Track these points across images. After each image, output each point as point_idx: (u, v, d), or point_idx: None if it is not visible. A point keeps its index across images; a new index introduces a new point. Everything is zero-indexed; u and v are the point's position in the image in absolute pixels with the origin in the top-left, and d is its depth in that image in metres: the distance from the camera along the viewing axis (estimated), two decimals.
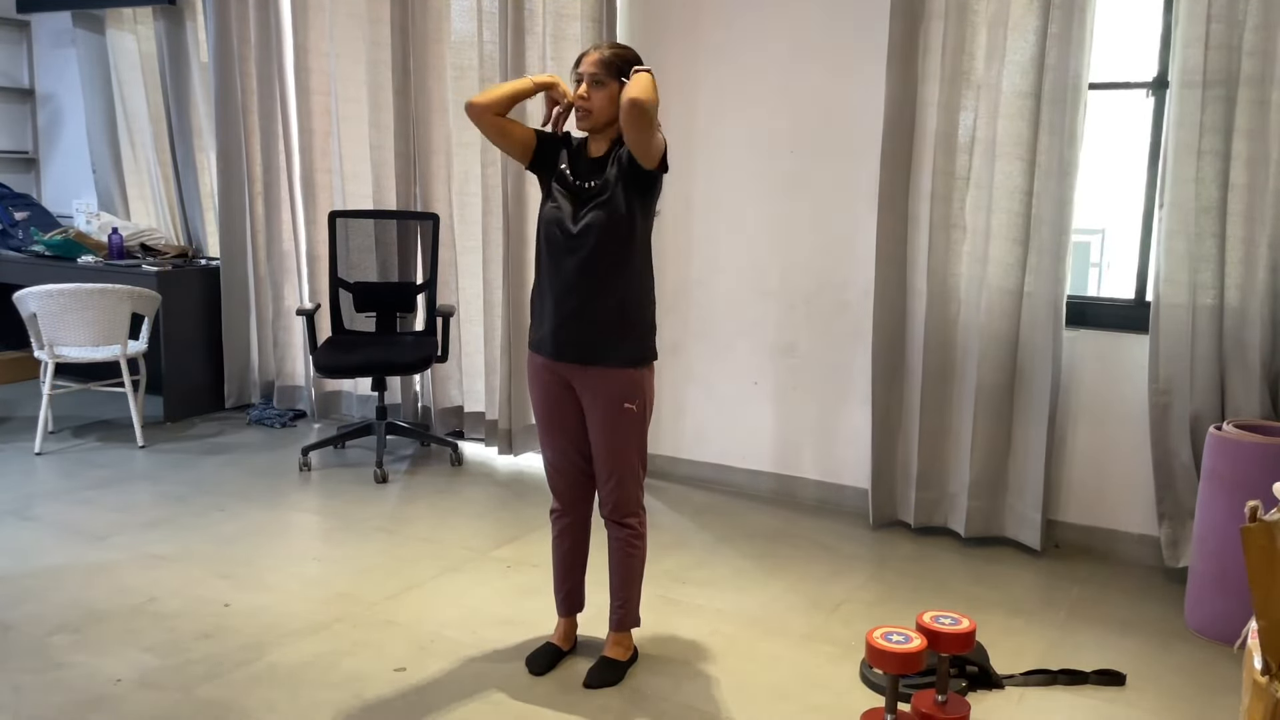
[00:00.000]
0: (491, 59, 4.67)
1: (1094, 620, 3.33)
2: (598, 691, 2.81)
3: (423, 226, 4.88)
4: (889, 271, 3.98)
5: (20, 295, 4.76)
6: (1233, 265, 3.45)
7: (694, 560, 3.76)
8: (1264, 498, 2.96)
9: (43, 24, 6.49)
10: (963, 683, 2.86)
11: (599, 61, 2.64)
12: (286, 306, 5.59)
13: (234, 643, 3.04)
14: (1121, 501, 3.84)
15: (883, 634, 2.51)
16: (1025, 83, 3.65)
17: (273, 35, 5.32)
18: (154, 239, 5.87)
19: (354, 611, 3.27)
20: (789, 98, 4.23)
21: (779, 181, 4.31)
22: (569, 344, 2.73)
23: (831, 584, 3.57)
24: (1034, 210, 3.73)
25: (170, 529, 3.94)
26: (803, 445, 4.40)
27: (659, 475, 4.68)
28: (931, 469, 4.01)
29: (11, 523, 3.96)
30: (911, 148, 3.92)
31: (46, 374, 4.86)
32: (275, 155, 5.42)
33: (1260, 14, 3.30)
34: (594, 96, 2.65)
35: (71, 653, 2.96)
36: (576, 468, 2.88)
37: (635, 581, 2.91)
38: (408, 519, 4.11)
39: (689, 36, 4.42)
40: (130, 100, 6.06)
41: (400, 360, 4.56)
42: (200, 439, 5.17)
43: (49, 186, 6.71)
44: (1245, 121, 3.37)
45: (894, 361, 4.04)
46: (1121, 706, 2.80)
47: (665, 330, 4.60)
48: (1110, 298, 3.95)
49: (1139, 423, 3.76)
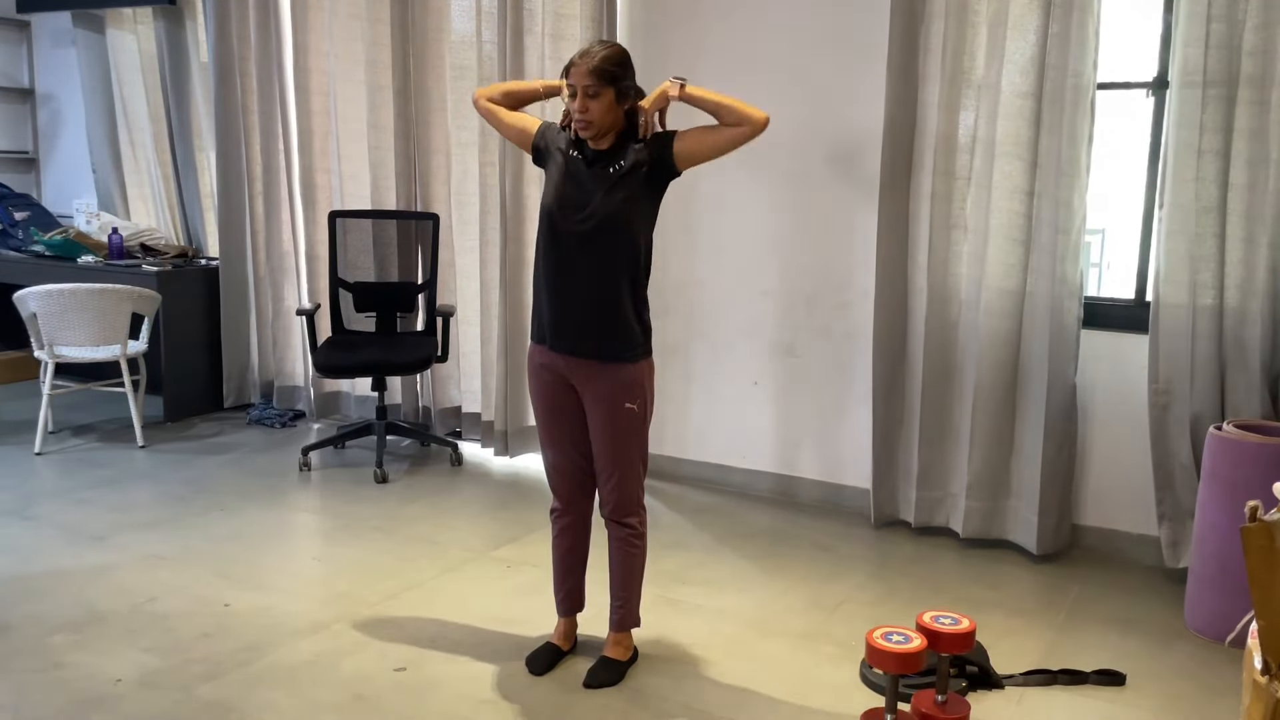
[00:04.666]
0: (491, 59, 4.66)
1: (1094, 620, 3.33)
2: (598, 691, 2.81)
3: (422, 226, 4.88)
4: (889, 271, 3.98)
5: (20, 295, 4.76)
6: (1233, 265, 3.45)
7: (694, 560, 3.76)
8: (1264, 498, 2.96)
9: (43, 24, 6.49)
10: (963, 683, 2.86)
11: (590, 72, 2.60)
12: (286, 306, 5.59)
13: (234, 643, 3.04)
14: (1121, 501, 3.84)
15: (883, 634, 2.51)
16: (1026, 83, 3.65)
17: (273, 35, 5.31)
18: (154, 239, 5.87)
19: (354, 611, 3.27)
20: (789, 98, 4.23)
21: (779, 181, 4.31)
22: (568, 334, 2.73)
23: (831, 584, 3.57)
24: (1035, 210, 3.72)
25: (170, 529, 3.94)
26: (803, 445, 4.40)
27: (659, 475, 4.68)
28: (932, 468, 4.01)
29: (11, 523, 3.96)
30: (912, 147, 3.92)
31: (46, 374, 4.86)
32: (275, 155, 5.42)
33: (1260, 14, 3.30)
34: (591, 108, 2.63)
35: (71, 653, 2.96)
36: (577, 467, 2.88)
37: (635, 581, 2.91)
38: (407, 519, 4.11)
39: (689, 37, 4.42)
40: (130, 100, 6.06)
41: (400, 360, 4.55)
42: (200, 439, 5.17)
43: (49, 186, 6.71)
44: (1245, 121, 3.37)
45: (895, 361, 4.04)
46: (1121, 706, 2.80)
47: (665, 330, 4.60)
48: (1110, 298, 3.95)
49: (1139, 423, 3.75)
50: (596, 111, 2.63)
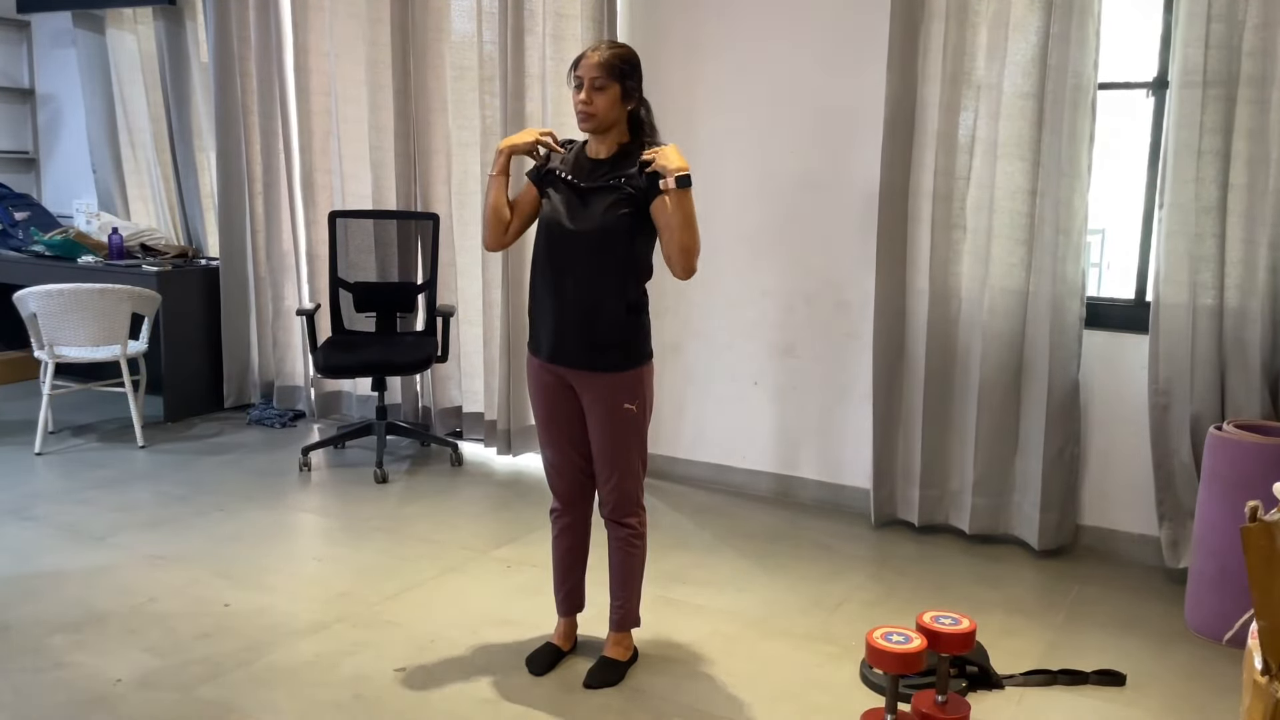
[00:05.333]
0: (491, 59, 4.66)
1: (1094, 620, 3.33)
2: (598, 691, 2.81)
3: (422, 226, 4.88)
4: (890, 271, 3.97)
5: (20, 295, 4.76)
6: (1233, 265, 3.45)
7: (694, 560, 3.75)
8: (1264, 498, 2.95)
9: (43, 24, 6.49)
10: (963, 683, 2.86)
11: (599, 65, 2.63)
12: (286, 306, 5.59)
13: (234, 643, 3.04)
14: (1121, 501, 3.84)
15: (883, 634, 2.51)
16: (1027, 83, 3.65)
17: (273, 35, 5.31)
18: (154, 239, 5.87)
19: (354, 611, 3.27)
20: (790, 97, 4.23)
21: (779, 181, 4.31)
22: (567, 347, 2.73)
23: (832, 584, 3.57)
24: (1037, 210, 3.73)
25: (170, 529, 3.94)
26: (802, 445, 4.40)
27: (659, 475, 4.68)
28: (934, 466, 4.01)
29: (11, 523, 3.96)
30: (912, 147, 3.92)
31: (46, 374, 4.86)
32: (275, 155, 5.42)
33: (1260, 14, 3.30)
34: (596, 101, 2.64)
35: (71, 653, 2.96)
36: (576, 467, 2.88)
37: (635, 581, 2.91)
38: (408, 519, 4.11)
39: (689, 37, 4.42)
40: (130, 100, 6.06)
41: (400, 360, 4.55)
42: (200, 439, 5.17)
43: (49, 186, 6.71)
44: (1245, 121, 3.37)
45: (895, 360, 4.04)
46: (1121, 706, 2.80)
47: (665, 330, 4.60)
48: (1110, 298, 3.95)
49: (1139, 423, 3.75)
50: (600, 105, 2.64)
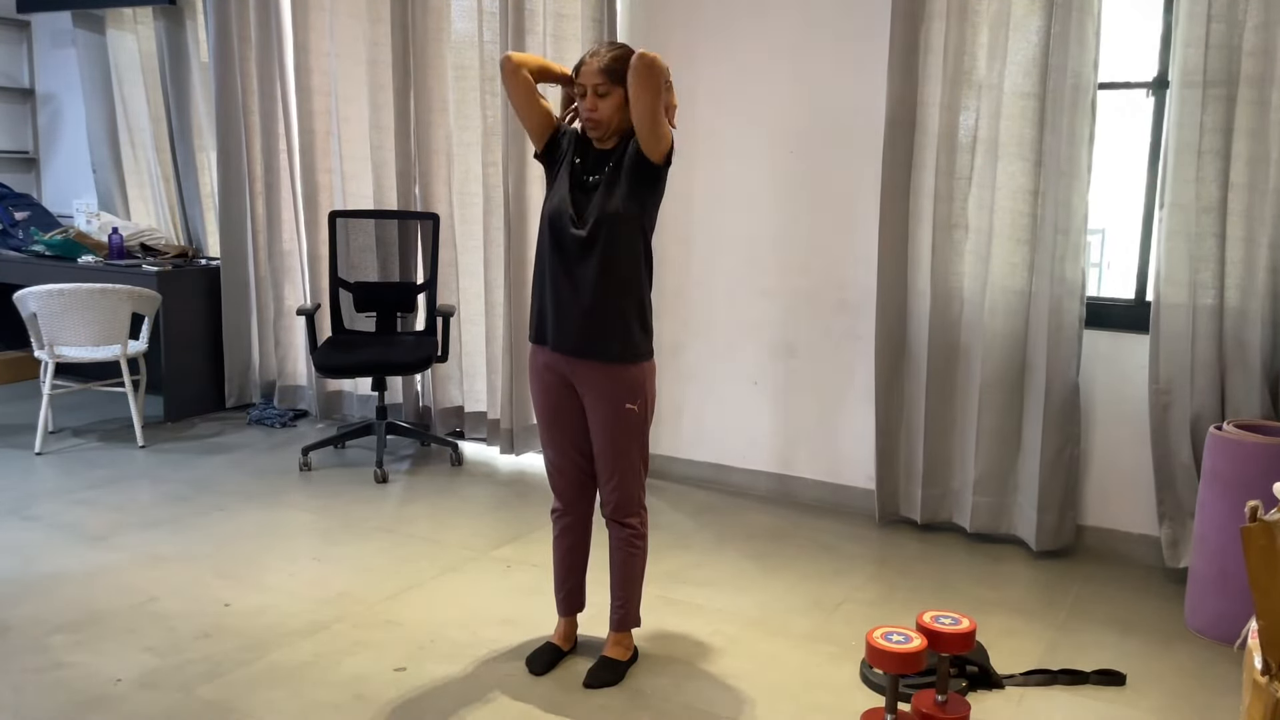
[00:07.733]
0: (492, 59, 4.67)
1: (1094, 620, 3.33)
2: (598, 691, 2.81)
3: (423, 226, 4.88)
4: (891, 270, 3.98)
5: (20, 295, 4.76)
6: (1233, 265, 3.45)
7: (694, 560, 3.76)
8: (1264, 498, 2.96)
9: (43, 24, 6.49)
10: (963, 683, 2.86)
11: (600, 71, 2.62)
12: (287, 306, 5.59)
13: (234, 643, 3.04)
14: (1122, 501, 3.84)
15: (883, 634, 2.51)
16: (1028, 83, 3.65)
17: (273, 35, 5.32)
18: (154, 239, 5.87)
19: (354, 611, 3.27)
20: (790, 97, 4.23)
21: (780, 181, 4.31)
22: (569, 335, 2.73)
23: (832, 583, 3.57)
24: (1039, 210, 3.73)
25: (170, 529, 3.94)
26: (803, 445, 4.40)
27: (659, 475, 4.68)
28: (937, 465, 4.01)
29: (11, 523, 3.96)
30: (913, 147, 3.92)
31: (46, 374, 4.86)
32: (275, 155, 5.42)
33: (1260, 14, 3.30)
34: (601, 107, 2.65)
35: (71, 653, 2.96)
36: (577, 467, 2.88)
37: (636, 581, 2.91)
38: (408, 519, 4.11)
39: (689, 37, 4.42)
40: (130, 100, 6.06)
41: (400, 360, 4.56)
42: (201, 439, 5.17)
43: (49, 186, 6.71)
44: (1245, 121, 3.37)
45: (897, 360, 4.04)
46: (1121, 706, 2.80)
47: (665, 330, 4.60)
48: (1111, 298, 3.95)
49: (1139, 423, 3.76)
50: (606, 110, 2.65)
